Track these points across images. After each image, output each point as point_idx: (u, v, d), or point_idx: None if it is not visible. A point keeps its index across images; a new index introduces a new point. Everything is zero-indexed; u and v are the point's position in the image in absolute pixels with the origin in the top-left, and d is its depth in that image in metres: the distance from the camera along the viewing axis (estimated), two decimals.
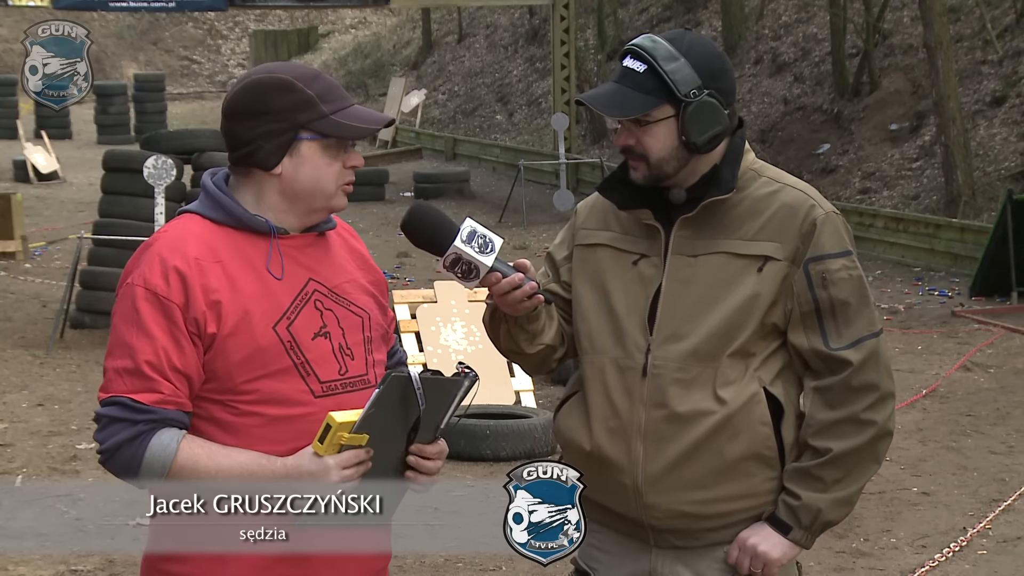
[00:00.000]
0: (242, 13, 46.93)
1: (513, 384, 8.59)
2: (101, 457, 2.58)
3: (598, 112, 2.97)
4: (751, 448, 2.85)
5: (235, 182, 2.71)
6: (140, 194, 10.95)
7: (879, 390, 2.86)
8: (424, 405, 2.55)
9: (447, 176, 22.67)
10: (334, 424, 2.52)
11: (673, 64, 2.82)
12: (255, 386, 2.59)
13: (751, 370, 2.86)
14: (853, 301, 2.87)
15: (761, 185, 2.92)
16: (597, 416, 2.92)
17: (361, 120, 2.68)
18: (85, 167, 24.76)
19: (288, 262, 2.67)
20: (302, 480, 2.54)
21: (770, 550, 2.89)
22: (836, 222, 2.90)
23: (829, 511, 2.89)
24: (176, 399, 2.56)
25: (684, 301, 2.88)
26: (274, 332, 2.60)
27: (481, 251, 2.74)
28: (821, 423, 2.86)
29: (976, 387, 9.55)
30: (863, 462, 2.88)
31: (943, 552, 6.27)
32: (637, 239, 2.94)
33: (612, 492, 2.92)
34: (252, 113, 2.65)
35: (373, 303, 2.78)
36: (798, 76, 21.24)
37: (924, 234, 14.91)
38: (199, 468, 2.54)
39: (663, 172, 2.88)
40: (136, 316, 2.57)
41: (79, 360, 10.33)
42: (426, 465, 2.66)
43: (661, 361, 2.87)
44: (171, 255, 2.59)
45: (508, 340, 3.00)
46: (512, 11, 32.28)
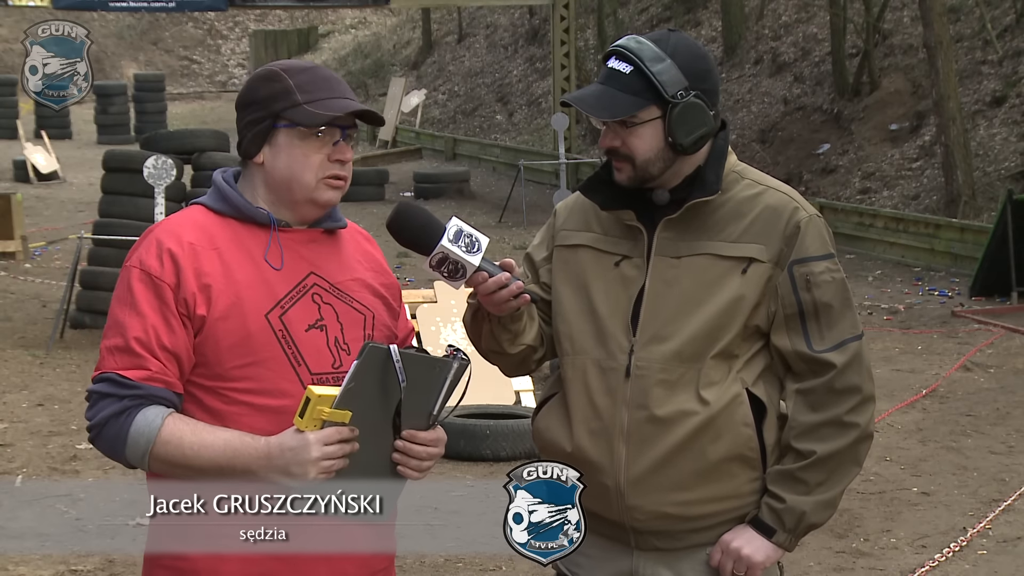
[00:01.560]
0: (242, 13, 46.93)
1: (513, 384, 8.60)
2: (90, 434, 2.60)
3: (585, 114, 2.95)
4: (734, 449, 2.84)
5: (241, 177, 2.77)
6: (140, 194, 10.95)
7: (861, 393, 2.86)
8: (404, 381, 2.53)
9: (447, 176, 22.67)
10: (313, 397, 2.51)
11: (660, 65, 2.81)
12: (244, 373, 2.60)
13: (734, 371, 2.86)
14: (836, 304, 2.87)
15: (744, 187, 2.92)
16: (578, 418, 2.91)
17: (329, 109, 2.67)
18: (85, 167, 24.77)
19: (289, 254, 2.68)
20: (283, 455, 2.53)
21: (753, 553, 2.87)
22: (819, 225, 2.90)
23: (813, 514, 2.87)
24: (164, 377, 2.58)
25: (668, 302, 2.87)
26: (266, 320, 2.61)
27: (468, 250, 2.72)
28: (804, 425, 2.85)
29: (976, 387, 9.55)
30: (845, 464, 2.88)
31: (943, 552, 6.27)
32: (619, 240, 2.94)
33: (593, 494, 2.89)
34: (243, 104, 2.73)
35: (381, 305, 2.77)
36: (798, 76, 21.24)
37: (924, 234, 14.92)
38: (183, 443, 2.54)
39: (648, 173, 2.87)
40: (130, 295, 2.61)
41: (79, 360, 10.33)
42: (415, 450, 2.63)
43: (644, 362, 2.86)
44: (167, 238, 2.64)
45: (490, 340, 2.98)
46: (512, 11, 32.28)
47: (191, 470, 2.56)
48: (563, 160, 18.44)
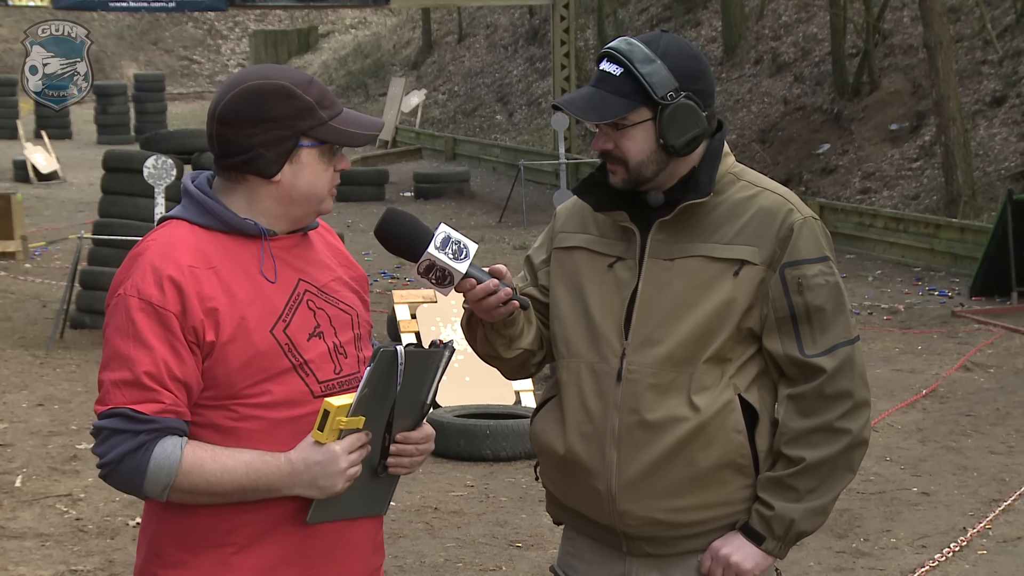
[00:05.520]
0: (242, 13, 46.92)
1: (513, 384, 8.60)
2: (103, 471, 2.54)
3: (575, 117, 2.96)
4: (725, 456, 2.82)
5: (222, 186, 2.67)
6: (140, 194, 10.95)
7: (853, 398, 2.82)
8: (401, 382, 2.54)
9: (447, 176, 22.66)
10: (332, 409, 2.51)
11: (649, 67, 2.79)
12: (256, 390, 2.58)
13: (727, 376, 2.83)
14: (829, 307, 2.83)
15: (740, 189, 2.89)
16: (571, 421, 2.89)
17: (358, 126, 2.66)
18: (85, 167, 24.77)
19: (278, 264, 2.65)
20: (309, 470, 2.53)
21: (742, 560, 2.85)
22: (814, 227, 2.87)
23: (803, 521, 2.83)
24: (176, 408, 2.53)
25: (660, 305, 2.85)
26: (272, 336, 2.58)
27: (455, 257, 2.71)
28: (795, 432, 2.82)
29: (976, 387, 9.55)
30: (837, 471, 2.84)
31: (943, 552, 6.26)
32: (613, 242, 2.92)
33: (586, 497, 2.90)
34: (252, 120, 2.59)
35: (358, 300, 2.77)
36: (798, 76, 21.24)
37: (924, 234, 14.92)
38: (205, 471, 2.52)
39: (642, 175, 2.85)
40: (132, 327, 2.52)
41: (79, 360, 10.33)
42: (408, 450, 2.65)
43: (636, 366, 2.84)
44: (164, 263, 2.55)
45: (485, 345, 2.97)
46: (512, 11, 32.28)
47: (214, 496, 2.54)
48: (563, 160, 18.43)
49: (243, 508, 2.57)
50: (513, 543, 6.44)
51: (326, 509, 2.60)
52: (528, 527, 6.67)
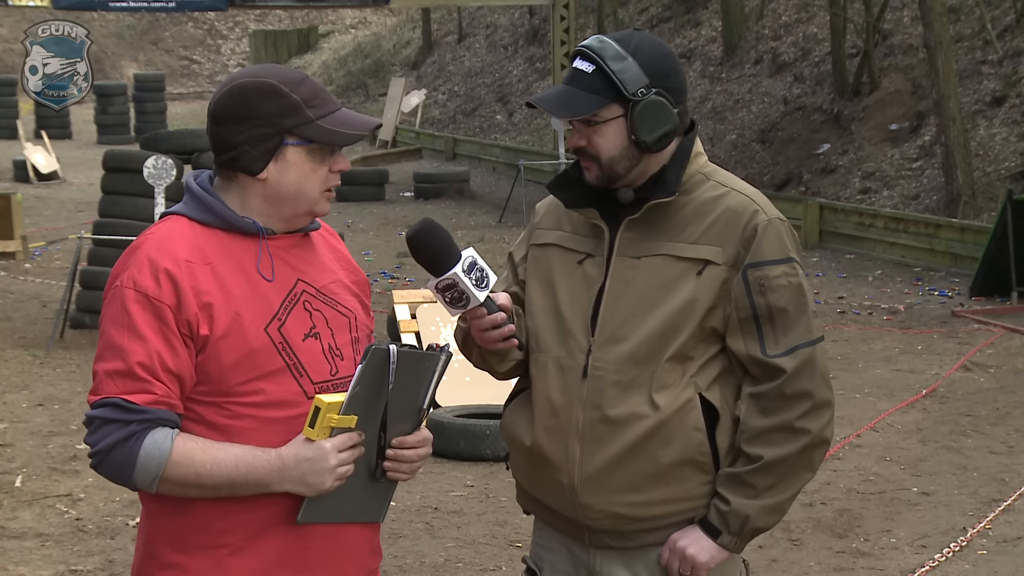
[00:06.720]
0: (242, 13, 46.94)
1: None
2: (93, 460, 2.55)
3: (548, 113, 2.98)
4: (684, 454, 2.85)
5: (221, 184, 2.69)
6: (140, 194, 10.96)
7: (813, 398, 2.85)
8: (393, 381, 2.54)
9: (447, 176, 22.67)
10: (323, 406, 2.52)
11: (620, 64, 2.82)
12: (249, 387, 2.57)
13: (688, 375, 2.86)
14: (791, 308, 2.85)
15: (708, 189, 2.91)
16: (538, 414, 2.94)
17: (347, 125, 2.66)
18: (85, 167, 24.79)
19: (276, 263, 2.65)
20: (299, 466, 2.53)
21: (698, 553, 2.88)
22: (779, 229, 2.89)
23: (758, 518, 2.87)
24: (168, 400, 2.54)
25: (625, 303, 2.88)
26: (266, 334, 2.58)
27: (477, 284, 2.75)
28: (754, 430, 2.85)
29: (976, 387, 9.55)
30: (795, 470, 2.87)
31: (943, 552, 6.26)
32: (584, 238, 2.96)
33: (550, 489, 2.95)
34: (238, 117, 2.61)
35: (358, 304, 2.77)
36: (798, 76, 21.24)
37: (924, 234, 14.92)
38: (194, 462, 2.52)
39: (615, 172, 2.88)
40: (127, 318, 2.54)
41: (79, 360, 10.33)
42: (406, 455, 2.65)
43: (601, 363, 2.87)
44: (161, 257, 2.57)
45: (480, 362, 3.06)
46: (512, 11, 32.29)
47: (204, 488, 2.54)
48: (563, 160, 18.44)
49: (237, 508, 2.57)
50: (513, 543, 6.44)
51: (318, 509, 2.59)
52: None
